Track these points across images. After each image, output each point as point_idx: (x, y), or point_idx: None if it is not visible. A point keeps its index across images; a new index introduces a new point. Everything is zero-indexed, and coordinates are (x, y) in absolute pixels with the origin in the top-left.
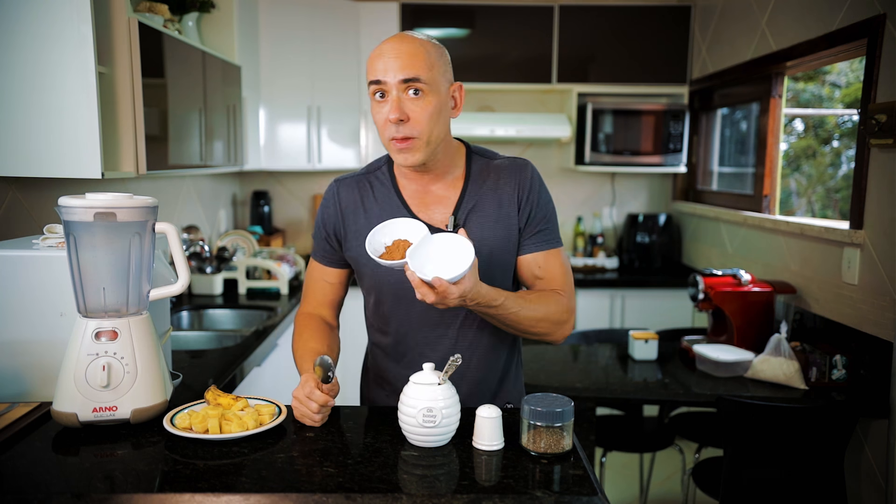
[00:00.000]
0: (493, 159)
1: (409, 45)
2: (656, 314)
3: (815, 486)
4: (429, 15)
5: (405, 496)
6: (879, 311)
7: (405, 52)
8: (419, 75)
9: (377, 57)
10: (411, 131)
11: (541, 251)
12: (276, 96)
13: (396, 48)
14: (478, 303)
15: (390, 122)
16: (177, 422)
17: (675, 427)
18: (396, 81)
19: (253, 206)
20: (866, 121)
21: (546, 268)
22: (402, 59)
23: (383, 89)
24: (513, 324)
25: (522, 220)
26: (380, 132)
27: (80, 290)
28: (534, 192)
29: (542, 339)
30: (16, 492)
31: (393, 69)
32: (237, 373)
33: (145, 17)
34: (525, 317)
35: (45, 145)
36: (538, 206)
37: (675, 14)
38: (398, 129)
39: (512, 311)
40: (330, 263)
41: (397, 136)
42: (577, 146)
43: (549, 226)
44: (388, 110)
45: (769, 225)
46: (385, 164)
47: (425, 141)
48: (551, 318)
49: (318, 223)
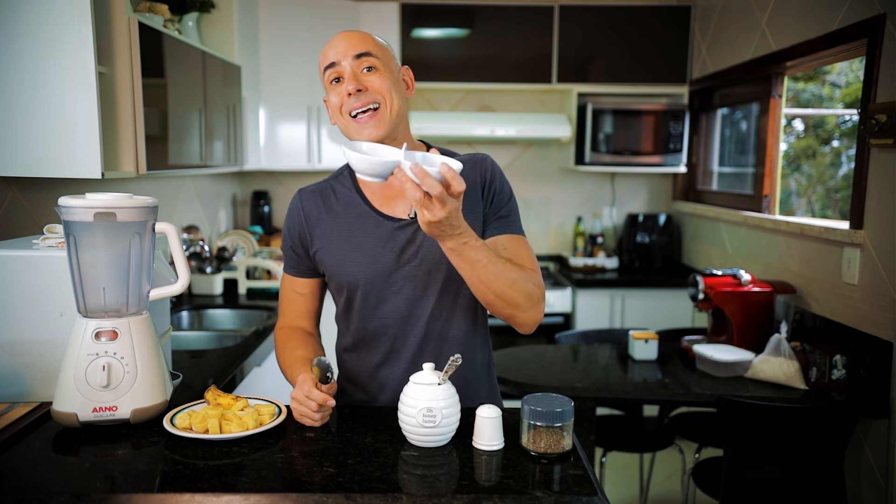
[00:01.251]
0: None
1: (356, 32)
2: (656, 314)
3: (815, 486)
4: (429, 15)
5: (405, 496)
6: (879, 311)
7: (353, 36)
8: (370, 50)
9: (328, 46)
10: (373, 98)
11: (506, 234)
12: (276, 96)
13: (346, 34)
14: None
15: (349, 95)
16: (177, 422)
17: (675, 427)
18: (349, 58)
19: (253, 206)
20: (866, 121)
21: (512, 249)
22: (352, 39)
23: (338, 72)
24: (486, 278)
25: (486, 207)
26: (338, 115)
27: (80, 290)
28: (496, 180)
29: (513, 314)
30: (16, 492)
31: (343, 49)
32: (237, 373)
33: (145, 17)
34: (499, 272)
35: (45, 145)
36: (500, 192)
37: (675, 14)
38: (357, 98)
39: (488, 258)
40: (298, 273)
41: (357, 105)
42: (577, 146)
43: (511, 213)
44: (344, 85)
45: (769, 225)
46: (347, 167)
47: (388, 108)
48: (524, 287)
49: (285, 234)
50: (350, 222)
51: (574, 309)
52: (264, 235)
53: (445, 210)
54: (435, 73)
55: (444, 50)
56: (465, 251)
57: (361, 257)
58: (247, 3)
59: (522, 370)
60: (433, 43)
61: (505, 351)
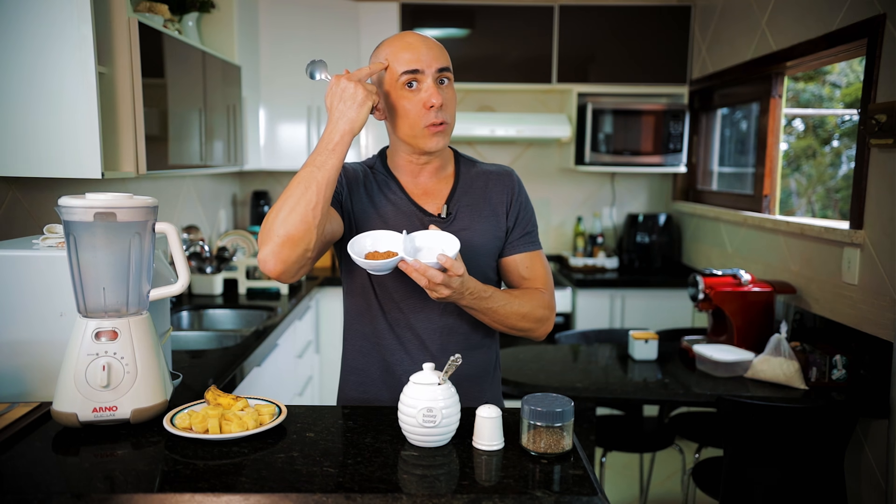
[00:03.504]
0: (479, 164)
1: (432, 41)
2: (656, 314)
3: (815, 486)
4: (429, 15)
5: (405, 496)
6: (879, 311)
7: (434, 45)
8: (449, 65)
9: (406, 48)
10: (446, 116)
11: (528, 252)
12: (276, 96)
13: (425, 41)
14: (471, 292)
15: (432, 107)
16: (177, 422)
17: (675, 427)
18: (433, 70)
19: (253, 206)
20: (866, 121)
21: (532, 268)
22: (434, 49)
23: (418, 78)
24: (500, 318)
25: (511, 222)
26: (409, 120)
27: (80, 290)
28: (522, 196)
29: (526, 335)
30: (16, 492)
31: (428, 59)
32: (237, 373)
33: (145, 17)
34: (511, 311)
35: (45, 145)
36: (525, 209)
37: (675, 14)
38: (438, 114)
39: (500, 304)
40: None
41: (437, 120)
42: (577, 146)
43: (534, 229)
44: (426, 96)
45: (769, 225)
46: (378, 159)
47: (452, 125)
48: (535, 314)
49: None
50: (387, 204)
51: (574, 309)
52: None
53: (450, 290)
54: None
55: None
56: (479, 304)
57: None
58: (247, 3)
59: (522, 370)
60: None
61: (505, 351)
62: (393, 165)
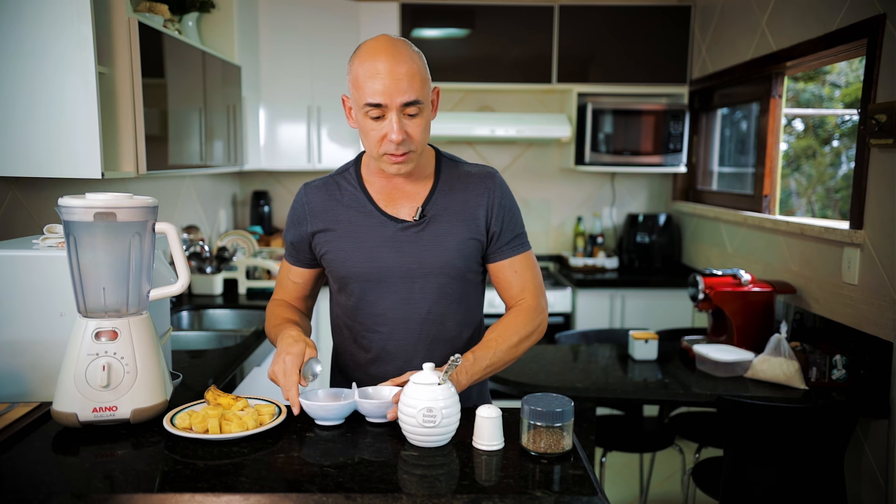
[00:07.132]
0: (462, 165)
1: (404, 65)
2: (656, 314)
3: (815, 486)
4: (429, 15)
5: (405, 496)
6: (879, 311)
7: (404, 75)
8: (418, 97)
9: (372, 77)
10: (408, 147)
11: (516, 255)
12: (276, 96)
13: (393, 70)
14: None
15: (391, 141)
16: (177, 422)
17: (675, 427)
18: (397, 105)
19: (253, 206)
20: (866, 121)
21: (521, 272)
22: (401, 81)
23: (382, 112)
24: (503, 365)
25: (497, 227)
26: (370, 145)
27: (80, 290)
28: (506, 199)
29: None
30: (16, 492)
31: (392, 93)
32: (237, 373)
33: (145, 17)
34: (506, 352)
35: (45, 145)
36: (510, 213)
37: (675, 14)
38: (399, 147)
39: (497, 358)
40: (296, 263)
41: (397, 152)
42: (577, 146)
43: (521, 231)
44: (387, 131)
45: (769, 225)
46: (353, 164)
47: (418, 153)
48: (524, 332)
49: (288, 224)
50: (354, 219)
51: (574, 309)
52: (264, 235)
53: None
54: (435, 73)
55: (444, 50)
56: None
57: (363, 255)
58: (247, 3)
59: (522, 370)
60: (433, 43)
61: None
62: (367, 170)
